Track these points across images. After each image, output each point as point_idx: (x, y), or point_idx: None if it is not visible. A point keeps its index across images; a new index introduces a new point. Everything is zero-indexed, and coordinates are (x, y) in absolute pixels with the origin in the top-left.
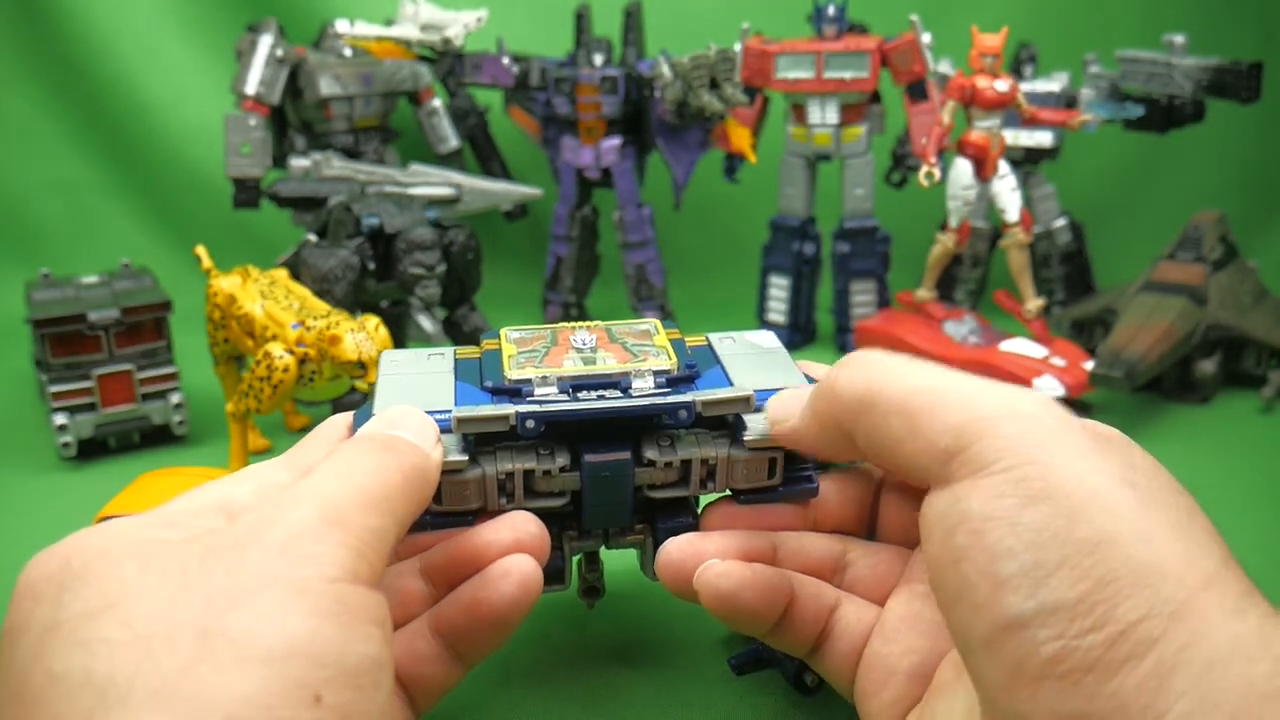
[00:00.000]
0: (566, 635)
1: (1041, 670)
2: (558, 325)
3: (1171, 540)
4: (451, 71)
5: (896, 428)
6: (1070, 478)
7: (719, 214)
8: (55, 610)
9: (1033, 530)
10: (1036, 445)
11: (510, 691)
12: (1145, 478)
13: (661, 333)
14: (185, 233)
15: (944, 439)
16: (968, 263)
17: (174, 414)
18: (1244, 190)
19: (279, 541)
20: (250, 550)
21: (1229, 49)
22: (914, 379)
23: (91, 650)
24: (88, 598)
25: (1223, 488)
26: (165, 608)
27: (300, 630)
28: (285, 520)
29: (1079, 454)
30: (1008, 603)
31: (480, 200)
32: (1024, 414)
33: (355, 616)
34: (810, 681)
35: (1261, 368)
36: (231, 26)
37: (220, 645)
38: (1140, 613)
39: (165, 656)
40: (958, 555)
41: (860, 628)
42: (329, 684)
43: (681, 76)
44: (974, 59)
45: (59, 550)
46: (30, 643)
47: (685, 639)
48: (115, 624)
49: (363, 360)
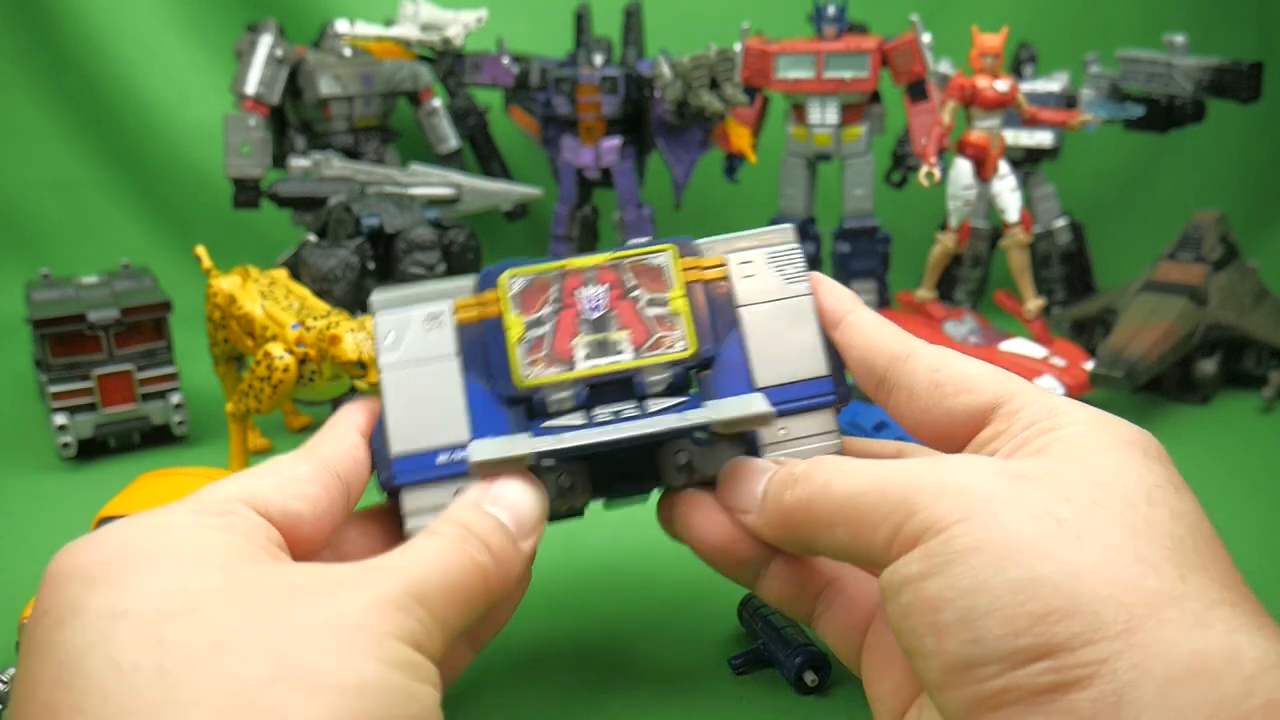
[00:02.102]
0: (566, 635)
1: (995, 701)
2: (565, 268)
3: (1105, 565)
4: (451, 71)
5: (842, 537)
6: (994, 528)
7: (719, 214)
8: (122, 598)
9: (964, 579)
10: (959, 507)
11: (510, 692)
12: (1079, 505)
13: (679, 284)
14: (185, 233)
15: (880, 533)
16: (968, 263)
17: (174, 414)
18: (1244, 190)
19: (366, 600)
20: (336, 598)
21: (1229, 49)
22: (850, 484)
23: (167, 650)
24: (164, 594)
25: (1223, 488)
26: (245, 624)
27: (373, 675)
28: (376, 584)
29: (1001, 504)
30: (949, 648)
31: (480, 200)
32: (938, 485)
33: (421, 678)
34: (810, 681)
35: (1261, 368)
36: (231, 26)
37: (297, 671)
38: (1081, 640)
39: (242, 669)
40: (904, 612)
41: (863, 601)
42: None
43: (681, 76)
44: (974, 59)
45: (109, 536)
46: (88, 626)
47: (685, 638)
48: (194, 629)
49: (363, 360)
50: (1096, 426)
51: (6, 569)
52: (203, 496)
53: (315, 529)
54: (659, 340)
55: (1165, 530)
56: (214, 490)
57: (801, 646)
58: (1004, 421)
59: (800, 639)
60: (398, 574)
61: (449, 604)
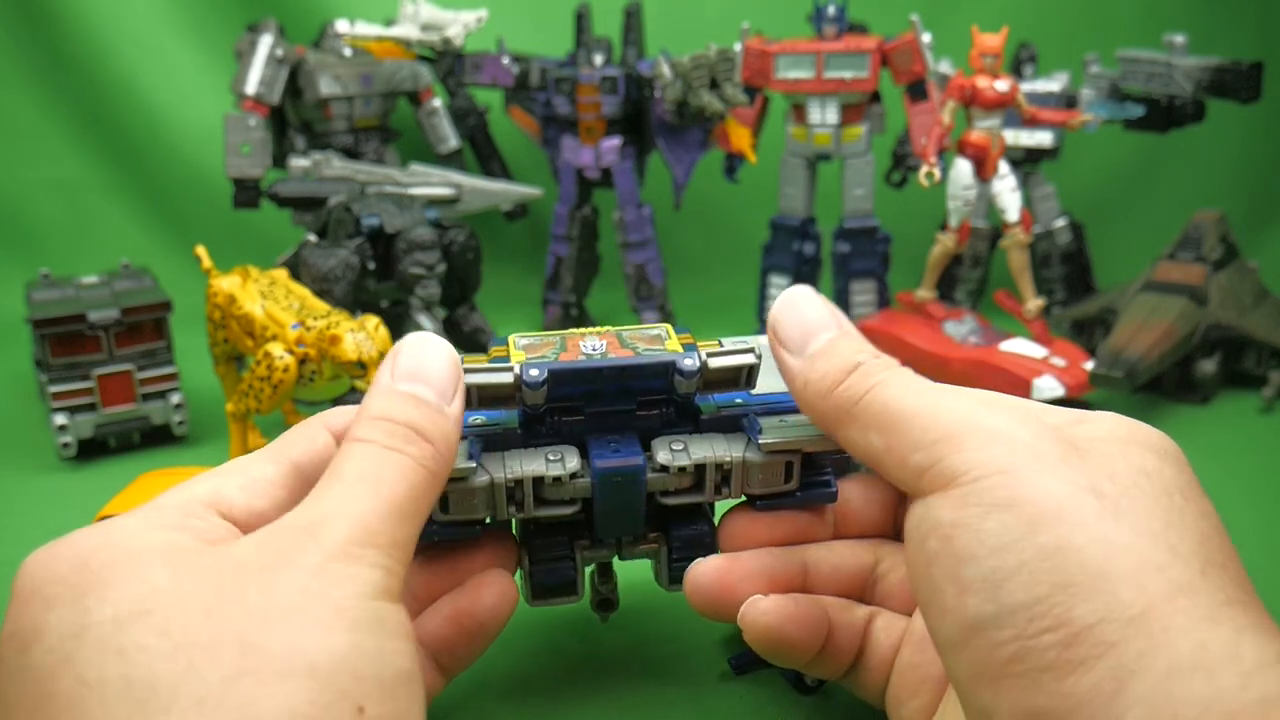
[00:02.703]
0: (565, 635)
1: (1002, 669)
2: (566, 332)
3: (1135, 547)
4: (451, 71)
5: (875, 444)
6: (1034, 488)
7: (719, 214)
8: (78, 614)
9: (994, 536)
10: (1003, 457)
11: (508, 692)
12: (1120, 485)
13: (674, 337)
14: (185, 233)
15: (917, 456)
16: (968, 263)
17: (174, 414)
18: (1244, 190)
19: (314, 564)
20: (286, 570)
21: (1229, 49)
22: (907, 399)
23: (129, 658)
24: (117, 602)
25: (1223, 488)
26: (204, 619)
27: (341, 645)
28: (319, 543)
29: (1046, 466)
30: (969, 605)
31: (480, 200)
32: (992, 429)
33: (391, 632)
34: (810, 681)
35: (1261, 368)
36: (231, 26)
37: (263, 659)
38: (1096, 616)
39: (208, 667)
40: (929, 560)
41: (890, 639)
42: (370, 696)
43: (681, 76)
44: (974, 59)
45: (64, 550)
46: (52, 647)
47: (685, 638)
48: (152, 632)
49: (363, 360)
50: (1132, 426)
51: (7, 569)
52: (161, 502)
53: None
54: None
55: (1195, 525)
56: (175, 494)
57: None
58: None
59: None
60: (338, 522)
61: (399, 524)
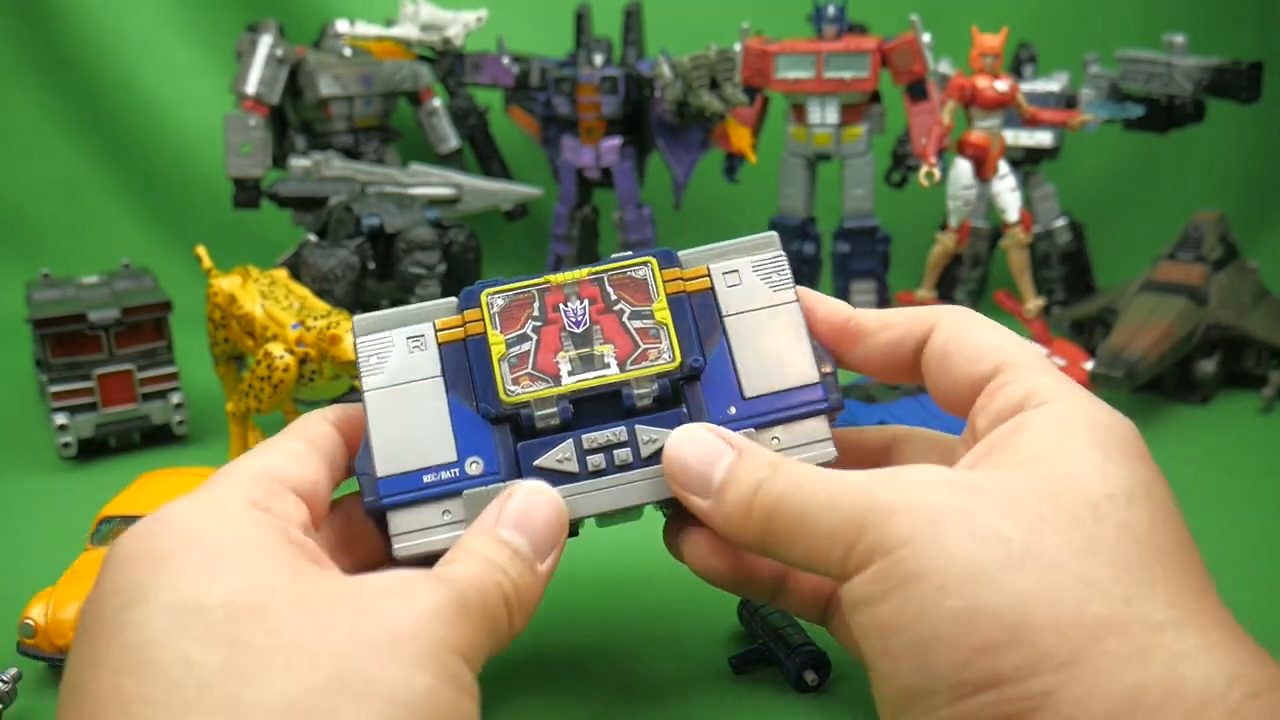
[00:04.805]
0: (565, 635)
1: None
2: (546, 284)
3: (1051, 590)
4: (451, 71)
5: (799, 552)
6: (938, 551)
7: (719, 214)
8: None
9: (910, 606)
10: (905, 528)
11: (509, 692)
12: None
13: (661, 294)
14: (185, 233)
15: (834, 550)
16: (968, 263)
17: (174, 414)
18: (1244, 190)
19: (425, 608)
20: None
21: (1229, 49)
22: (806, 499)
23: (236, 650)
24: (230, 591)
25: (1223, 488)
26: (312, 629)
27: (423, 685)
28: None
29: (948, 524)
30: (902, 674)
31: (480, 200)
32: (888, 504)
33: (464, 688)
34: (810, 680)
35: (1261, 368)
36: (231, 26)
37: (359, 680)
38: (1025, 670)
39: (306, 675)
40: (860, 634)
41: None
42: None
43: (681, 76)
44: (974, 59)
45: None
46: (156, 614)
47: (685, 638)
48: (263, 631)
49: None
50: (1065, 420)
51: (7, 569)
52: (234, 479)
53: (324, 503)
54: (644, 353)
55: (1111, 547)
56: (238, 470)
57: (801, 646)
58: (987, 398)
59: (800, 638)
60: (448, 584)
61: (485, 620)
